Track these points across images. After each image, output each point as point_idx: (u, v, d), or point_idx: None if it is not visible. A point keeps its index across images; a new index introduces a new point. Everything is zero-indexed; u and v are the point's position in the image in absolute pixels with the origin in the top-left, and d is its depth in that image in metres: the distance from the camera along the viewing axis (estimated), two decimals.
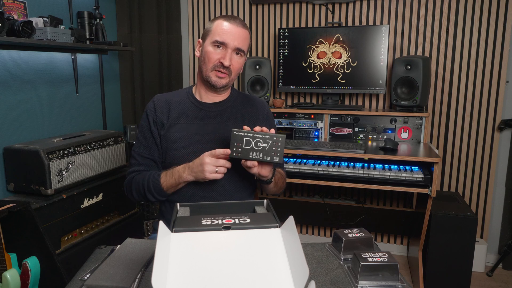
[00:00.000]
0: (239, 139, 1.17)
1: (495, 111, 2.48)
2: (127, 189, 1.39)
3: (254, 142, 1.17)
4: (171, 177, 1.29)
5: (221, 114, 1.39)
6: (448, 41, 2.51)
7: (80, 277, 0.98)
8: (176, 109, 1.39)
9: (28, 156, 1.89)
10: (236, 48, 1.30)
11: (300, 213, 2.83)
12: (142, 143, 1.39)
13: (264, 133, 1.18)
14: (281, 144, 1.17)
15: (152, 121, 1.38)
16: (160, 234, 0.65)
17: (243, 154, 1.18)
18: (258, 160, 1.19)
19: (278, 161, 1.18)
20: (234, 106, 1.43)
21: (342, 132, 2.54)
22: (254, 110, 1.45)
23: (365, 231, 1.11)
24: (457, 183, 2.62)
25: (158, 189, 1.30)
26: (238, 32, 1.30)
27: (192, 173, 1.25)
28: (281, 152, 1.18)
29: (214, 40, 1.29)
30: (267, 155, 1.18)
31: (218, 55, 1.30)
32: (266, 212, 0.82)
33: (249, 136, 1.17)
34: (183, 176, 1.26)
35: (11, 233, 1.79)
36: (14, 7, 1.94)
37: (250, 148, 1.17)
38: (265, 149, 1.17)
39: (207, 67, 1.32)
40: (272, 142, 1.17)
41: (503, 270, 2.55)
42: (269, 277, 0.63)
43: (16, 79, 2.04)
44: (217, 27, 1.30)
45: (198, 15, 2.99)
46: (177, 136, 1.35)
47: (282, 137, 1.18)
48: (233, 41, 1.29)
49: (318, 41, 2.55)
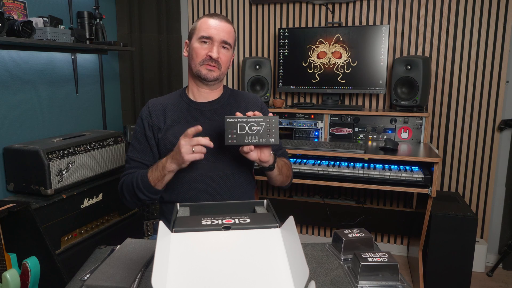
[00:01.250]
0: (233, 126, 1.18)
1: (495, 111, 2.48)
2: (120, 192, 1.39)
3: (248, 126, 1.18)
4: (156, 169, 1.28)
5: (217, 112, 1.41)
6: (448, 41, 2.51)
7: (80, 277, 0.97)
8: (172, 111, 1.39)
9: (28, 156, 1.89)
10: (222, 41, 1.34)
11: (300, 213, 2.83)
12: (136, 148, 1.40)
13: (256, 117, 1.18)
14: (275, 125, 1.18)
15: (148, 125, 1.38)
16: (160, 234, 0.65)
17: (239, 140, 1.18)
18: (254, 143, 1.19)
19: (274, 142, 1.18)
20: (228, 103, 1.44)
21: (342, 132, 2.54)
22: (248, 105, 1.46)
23: (365, 231, 1.11)
24: (457, 183, 2.62)
25: (147, 184, 1.28)
26: (222, 26, 1.34)
27: (173, 160, 1.24)
28: (276, 133, 1.18)
29: (200, 36, 1.33)
30: (262, 138, 1.18)
31: (205, 50, 1.33)
32: (266, 212, 0.82)
33: (243, 121, 1.18)
34: (166, 166, 1.25)
35: (11, 233, 1.79)
36: (14, 7, 1.94)
37: (245, 133, 1.18)
38: (259, 132, 1.18)
39: (195, 63, 1.35)
40: (266, 124, 1.18)
41: (503, 270, 2.55)
42: (269, 277, 0.62)
43: (16, 79, 2.04)
44: (201, 24, 1.34)
45: (198, 15, 2.99)
46: (176, 138, 1.35)
47: (275, 118, 1.18)
48: (218, 35, 1.33)
49: (318, 41, 2.55)
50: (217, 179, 1.35)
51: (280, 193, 2.99)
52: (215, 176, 1.35)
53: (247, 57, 2.76)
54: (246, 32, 2.89)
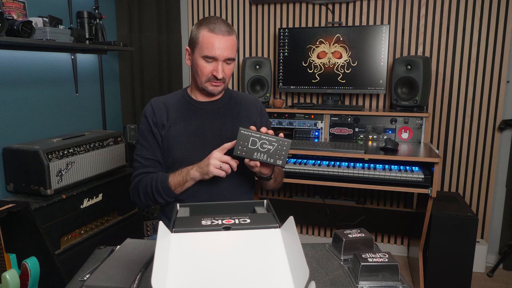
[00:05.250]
0: (245, 138, 1.19)
1: (495, 111, 2.48)
2: (134, 193, 1.40)
3: (260, 143, 1.19)
4: (179, 174, 1.32)
5: (218, 112, 1.44)
6: (448, 41, 2.51)
7: (79, 277, 0.97)
8: (174, 109, 1.42)
9: (27, 156, 1.89)
10: (226, 59, 1.34)
11: (300, 213, 2.83)
12: (144, 146, 1.41)
13: (271, 136, 1.20)
14: (286, 149, 1.19)
15: (152, 122, 1.41)
16: (160, 234, 0.65)
17: (248, 153, 1.19)
18: (261, 161, 1.20)
19: (280, 164, 1.19)
20: (229, 103, 1.47)
21: (342, 132, 2.54)
22: (248, 106, 1.49)
23: (365, 231, 1.11)
24: (458, 183, 2.62)
25: (166, 188, 1.32)
26: (225, 43, 1.32)
27: (199, 168, 1.28)
28: (284, 156, 1.19)
29: (204, 55, 1.32)
30: (271, 158, 1.19)
31: (210, 68, 1.34)
32: (266, 212, 0.82)
33: (256, 137, 1.19)
34: (191, 172, 1.29)
35: (11, 233, 1.78)
36: (14, 7, 1.94)
37: (255, 148, 1.19)
38: (269, 151, 1.19)
39: (201, 80, 1.36)
40: (278, 146, 1.19)
41: (503, 270, 2.55)
42: (269, 278, 0.62)
43: (16, 79, 2.04)
44: (204, 40, 1.31)
45: (198, 15, 2.98)
46: (178, 135, 1.39)
47: (288, 141, 1.19)
48: (222, 54, 1.32)
49: (318, 41, 2.55)
50: (217, 178, 1.35)
51: (280, 193, 2.99)
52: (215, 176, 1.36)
53: (247, 57, 2.76)
54: (246, 32, 2.89)
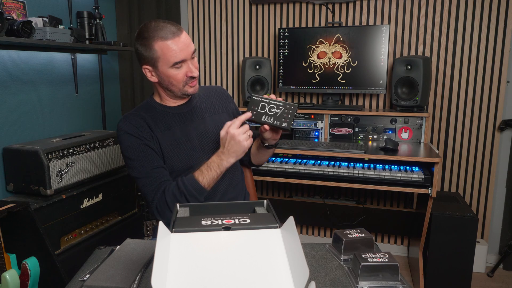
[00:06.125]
0: (256, 103, 1.29)
1: (495, 111, 2.48)
2: (163, 214, 1.30)
3: (268, 107, 1.28)
4: (209, 171, 1.28)
5: (195, 111, 1.45)
6: (448, 41, 2.51)
7: (79, 277, 0.97)
8: (152, 121, 1.37)
9: (27, 156, 1.89)
10: (191, 55, 1.32)
11: (300, 213, 2.83)
12: (143, 161, 1.32)
13: (278, 100, 1.29)
14: (292, 112, 1.27)
15: (139, 135, 1.34)
16: (160, 234, 0.64)
17: (257, 117, 1.28)
18: (269, 123, 1.28)
19: (286, 126, 1.27)
20: (200, 99, 1.49)
21: (342, 132, 2.54)
22: (219, 96, 1.55)
23: (365, 231, 1.11)
24: (458, 183, 2.62)
25: (200, 189, 1.27)
26: (183, 41, 1.29)
27: (230, 153, 1.27)
28: (290, 119, 1.26)
29: (173, 63, 1.29)
30: (277, 120, 1.27)
31: (182, 72, 1.31)
32: (266, 212, 0.82)
33: (265, 102, 1.29)
34: (223, 163, 1.28)
35: (11, 233, 1.78)
36: (14, 7, 1.94)
37: (264, 112, 1.28)
38: (276, 115, 1.27)
39: (179, 87, 1.34)
40: (284, 109, 1.27)
41: (503, 270, 2.55)
42: (269, 278, 0.62)
43: (16, 79, 2.04)
44: (164, 50, 1.27)
45: (198, 15, 2.98)
46: (167, 145, 1.36)
47: (294, 105, 1.27)
48: (188, 52, 1.30)
49: (318, 41, 2.55)
50: None
51: (280, 193, 2.99)
52: None
53: (247, 57, 2.76)
54: (246, 32, 2.89)
